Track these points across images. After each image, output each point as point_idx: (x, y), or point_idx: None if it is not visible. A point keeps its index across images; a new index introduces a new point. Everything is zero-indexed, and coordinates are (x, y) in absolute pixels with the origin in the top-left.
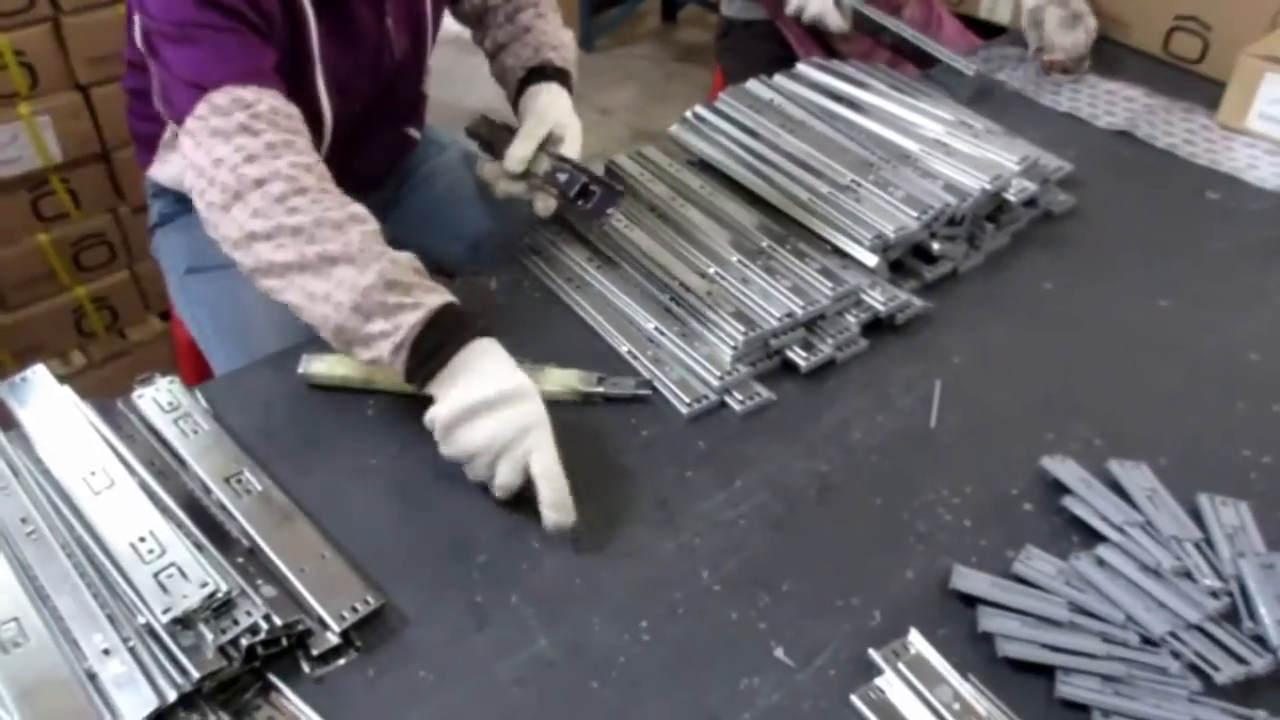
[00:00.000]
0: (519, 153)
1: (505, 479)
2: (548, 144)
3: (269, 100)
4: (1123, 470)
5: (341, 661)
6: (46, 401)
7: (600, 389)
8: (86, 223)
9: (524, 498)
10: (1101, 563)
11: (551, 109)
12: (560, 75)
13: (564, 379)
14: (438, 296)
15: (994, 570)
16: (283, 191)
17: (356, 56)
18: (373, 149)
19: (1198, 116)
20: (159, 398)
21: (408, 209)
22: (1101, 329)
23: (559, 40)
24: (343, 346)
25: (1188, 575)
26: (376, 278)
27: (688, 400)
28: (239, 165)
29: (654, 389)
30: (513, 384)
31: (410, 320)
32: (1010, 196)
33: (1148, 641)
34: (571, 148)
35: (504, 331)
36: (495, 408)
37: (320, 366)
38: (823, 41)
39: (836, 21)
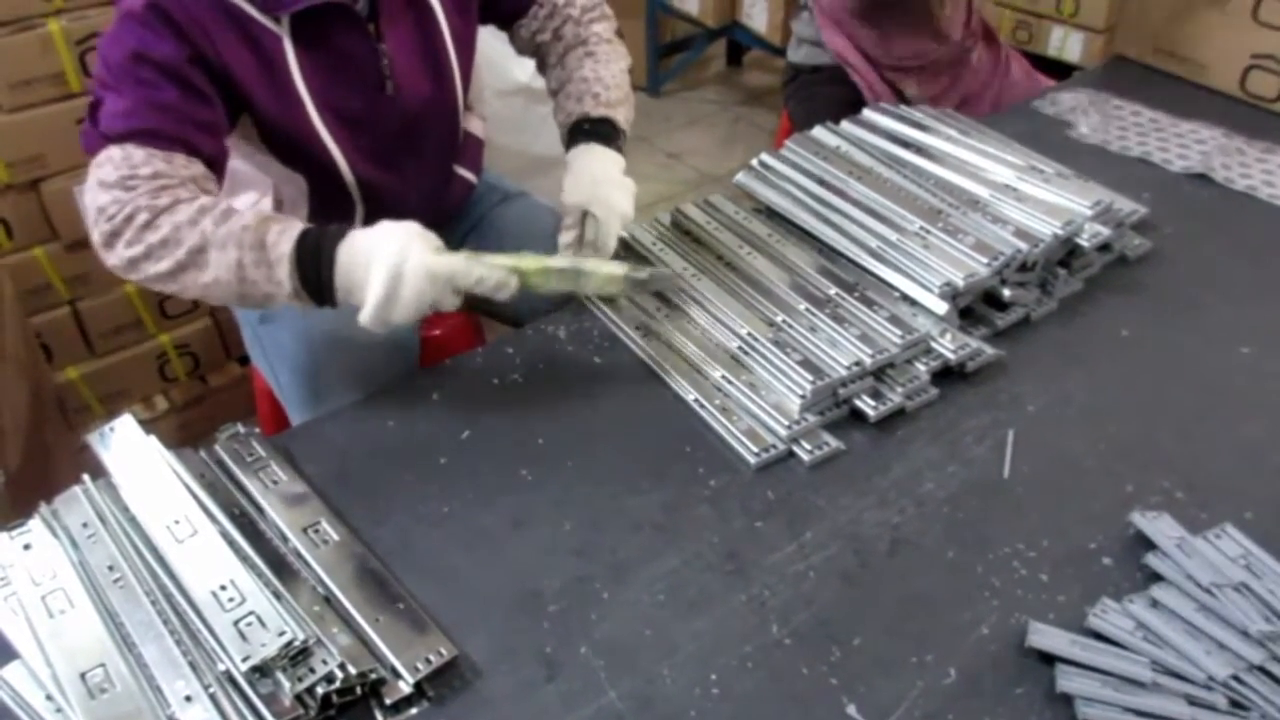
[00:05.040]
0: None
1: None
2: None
3: (157, 165)
4: (1211, 539)
5: (414, 711)
6: (133, 450)
7: (644, 275)
8: None
9: (593, 547)
10: (1155, 604)
11: (575, 191)
12: (600, 126)
13: (610, 268)
14: (288, 238)
15: (1072, 627)
16: (146, 220)
17: (348, 86)
18: (415, 189)
19: (1276, 156)
20: (240, 448)
21: None
22: (1181, 377)
23: (605, 81)
24: (257, 308)
25: None
26: (238, 249)
27: (756, 450)
28: (114, 215)
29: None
30: (390, 254)
31: (283, 272)
32: (1083, 242)
33: (1237, 705)
34: (608, 230)
35: (572, 380)
36: (397, 286)
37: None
38: (892, 86)
39: None
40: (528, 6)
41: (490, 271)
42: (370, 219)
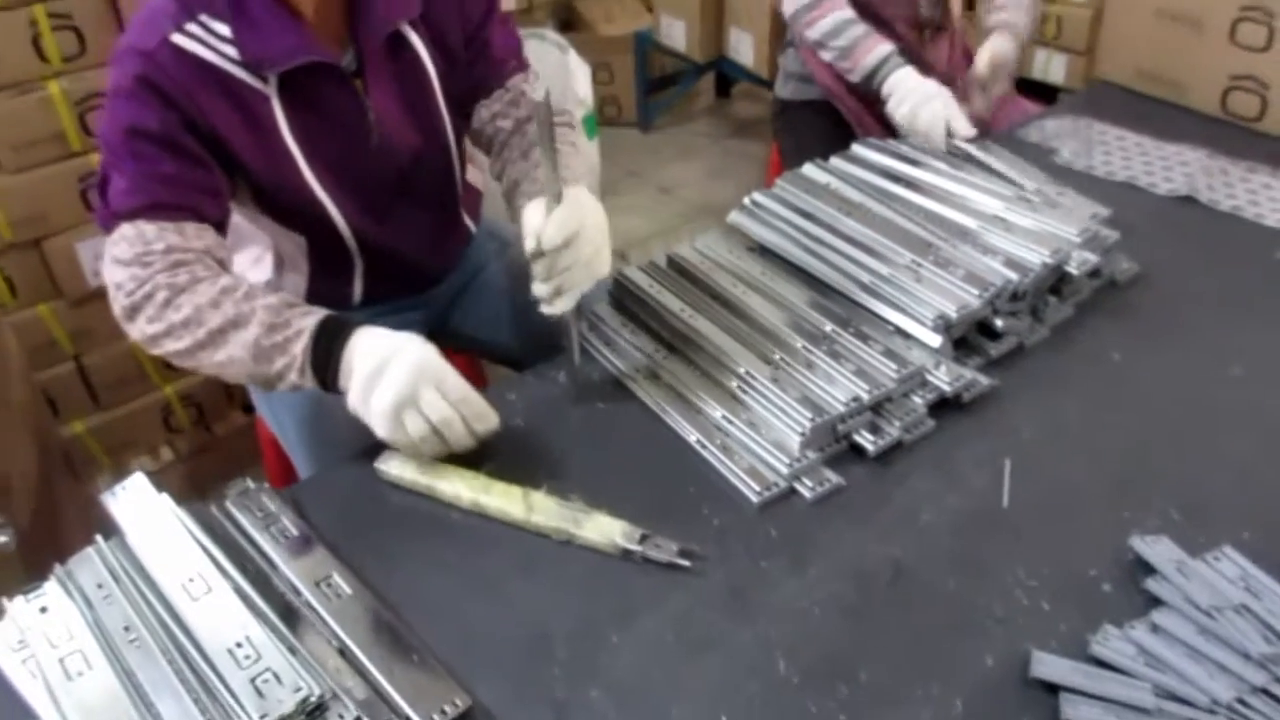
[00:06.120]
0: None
1: (437, 417)
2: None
3: (170, 239)
4: (1210, 562)
5: None
6: (145, 508)
7: (640, 548)
8: None
9: (601, 591)
10: (1156, 629)
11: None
12: None
13: (608, 529)
14: (312, 318)
15: (1075, 654)
16: (166, 298)
17: (337, 141)
18: (412, 240)
19: (1260, 176)
20: (249, 503)
21: (471, 310)
22: (1173, 399)
23: (572, 171)
24: (266, 388)
25: None
26: (259, 328)
27: (758, 488)
28: (133, 291)
29: (694, 556)
30: (391, 345)
31: (299, 347)
32: (1072, 269)
33: None
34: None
35: (573, 424)
36: (385, 368)
37: (393, 467)
38: (881, 119)
39: (938, 139)
40: (493, 88)
41: (477, 398)
42: (370, 274)
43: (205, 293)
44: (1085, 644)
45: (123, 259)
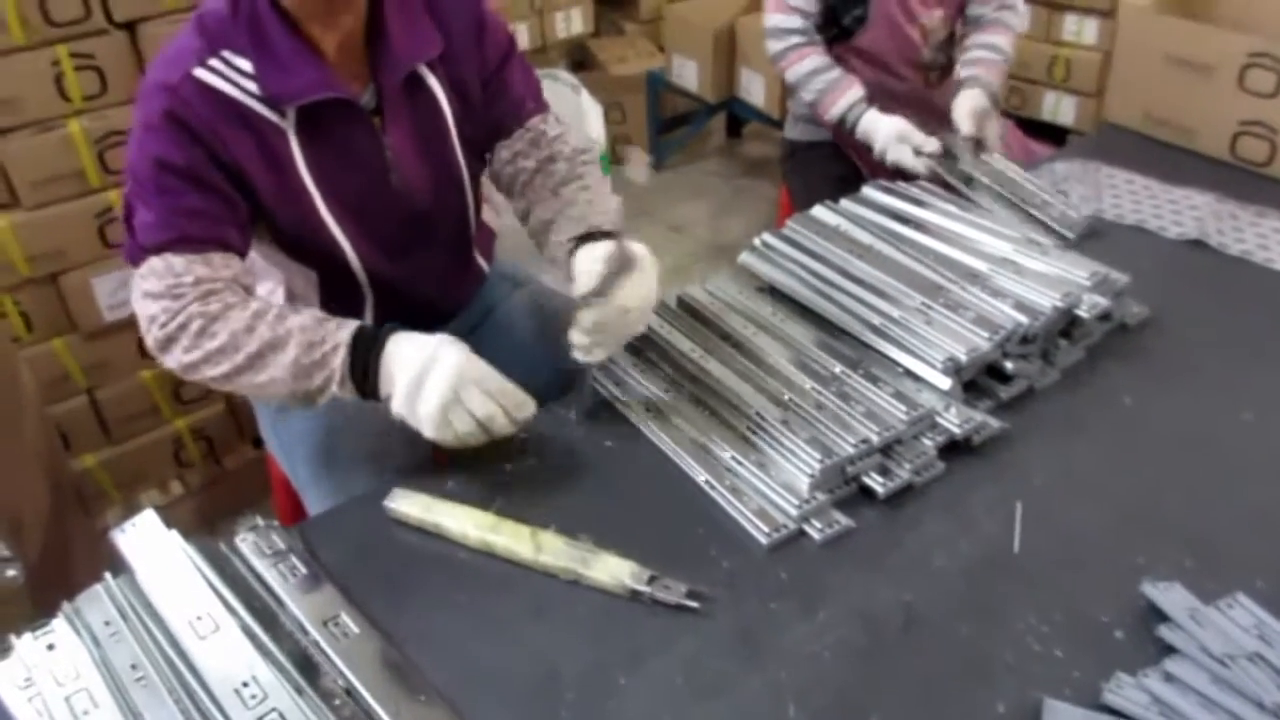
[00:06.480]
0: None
1: (483, 414)
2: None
3: (198, 271)
4: (1223, 609)
5: None
6: (154, 546)
7: (649, 589)
8: None
9: (610, 633)
10: (1169, 677)
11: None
12: (609, 237)
13: (616, 570)
14: (346, 331)
15: (1088, 703)
16: (201, 326)
17: (353, 177)
18: (425, 279)
19: (1269, 220)
20: (259, 541)
21: (482, 350)
22: (1185, 444)
23: (606, 207)
24: (308, 406)
25: None
26: (297, 348)
27: (767, 530)
28: (167, 323)
29: (703, 598)
30: (429, 351)
31: (337, 360)
32: (1083, 312)
33: None
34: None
35: (583, 463)
36: (427, 375)
37: (401, 504)
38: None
39: (912, 164)
40: (513, 129)
41: (515, 389)
42: (380, 310)
43: (239, 318)
44: (1098, 692)
45: (154, 292)
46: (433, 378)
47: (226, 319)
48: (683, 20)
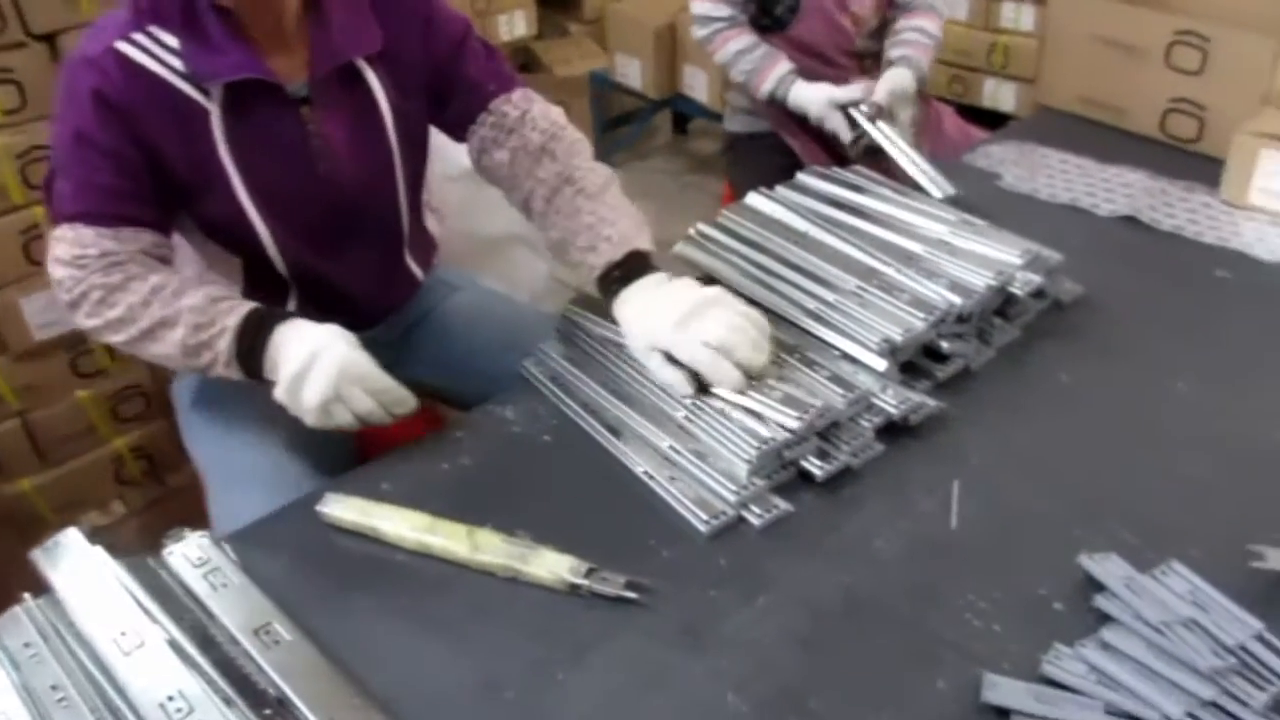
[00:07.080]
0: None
1: (363, 410)
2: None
3: (105, 244)
4: (1158, 577)
5: None
6: (78, 564)
7: (587, 582)
8: (123, 376)
9: (551, 630)
10: (1106, 646)
11: (644, 337)
12: (630, 263)
13: (554, 565)
14: (235, 316)
15: (1027, 676)
16: (100, 297)
17: (276, 165)
18: (353, 278)
19: (1198, 195)
20: (189, 553)
21: (423, 355)
22: (1121, 418)
23: (607, 218)
24: (202, 372)
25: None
26: (185, 329)
27: (706, 517)
28: (71, 288)
29: (643, 589)
30: (314, 343)
31: (223, 344)
32: (1017, 290)
33: None
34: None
35: (520, 460)
36: (310, 370)
37: (335, 509)
38: (829, 149)
39: (846, 134)
40: (476, 113)
41: (396, 387)
42: (305, 305)
43: (137, 291)
44: (1037, 664)
45: (62, 259)
46: (315, 374)
47: (126, 289)
48: (624, 18)
